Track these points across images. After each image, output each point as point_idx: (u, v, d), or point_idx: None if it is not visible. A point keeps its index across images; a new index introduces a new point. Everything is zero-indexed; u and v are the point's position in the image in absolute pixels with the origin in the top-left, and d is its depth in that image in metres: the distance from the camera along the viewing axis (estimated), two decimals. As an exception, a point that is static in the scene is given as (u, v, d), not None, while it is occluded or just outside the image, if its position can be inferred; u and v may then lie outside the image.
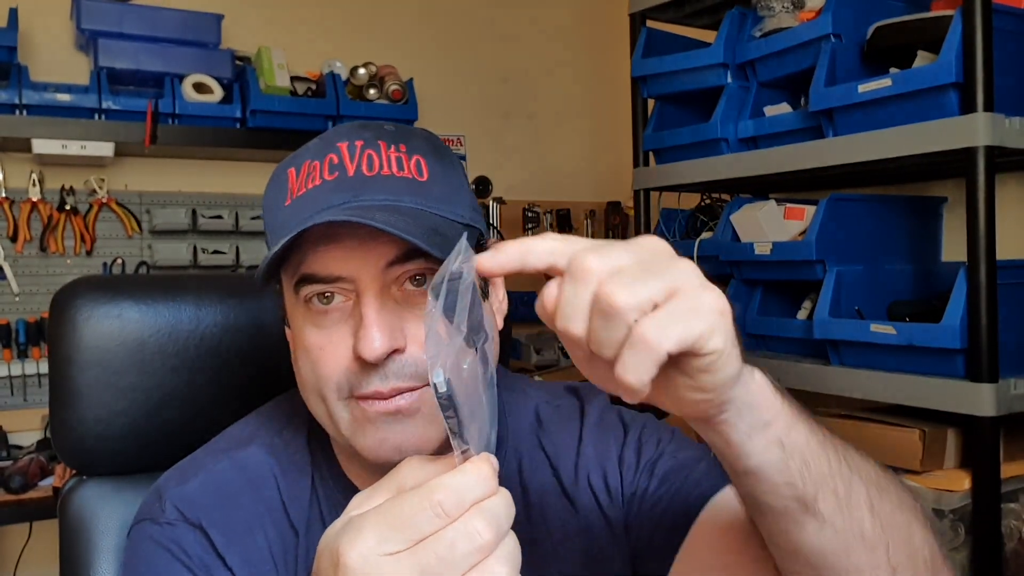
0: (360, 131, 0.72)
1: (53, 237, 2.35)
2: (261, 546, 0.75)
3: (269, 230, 0.73)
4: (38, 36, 2.38)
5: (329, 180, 0.69)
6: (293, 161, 0.73)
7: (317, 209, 0.67)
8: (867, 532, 0.55)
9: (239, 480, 0.78)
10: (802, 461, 0.52)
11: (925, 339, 1.48)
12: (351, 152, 0.70)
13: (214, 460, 0.80)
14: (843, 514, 0.54)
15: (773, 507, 0.54)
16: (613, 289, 0.44)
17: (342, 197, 0.68)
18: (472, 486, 0.48)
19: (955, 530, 1.51)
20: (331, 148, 0.70)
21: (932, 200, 1.93)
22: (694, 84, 2.01)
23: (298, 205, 0.69)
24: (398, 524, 0.47)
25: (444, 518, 0.46)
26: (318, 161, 0.70)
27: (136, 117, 2.30)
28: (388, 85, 2.61)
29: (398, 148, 0.71)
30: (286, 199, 0.71)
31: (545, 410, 0.86)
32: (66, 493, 0.94)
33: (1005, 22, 1.46)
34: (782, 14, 1.82)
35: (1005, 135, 1.42)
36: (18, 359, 2.30)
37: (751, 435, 0.51)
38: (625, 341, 0.44)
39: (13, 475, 1.96)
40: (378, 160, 0.70)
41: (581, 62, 3.24)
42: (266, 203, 0.74)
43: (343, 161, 0.70)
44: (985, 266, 1.40)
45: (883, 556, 0.56)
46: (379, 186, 0.69)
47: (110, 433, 0.92)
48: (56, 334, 0.92)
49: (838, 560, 0.56)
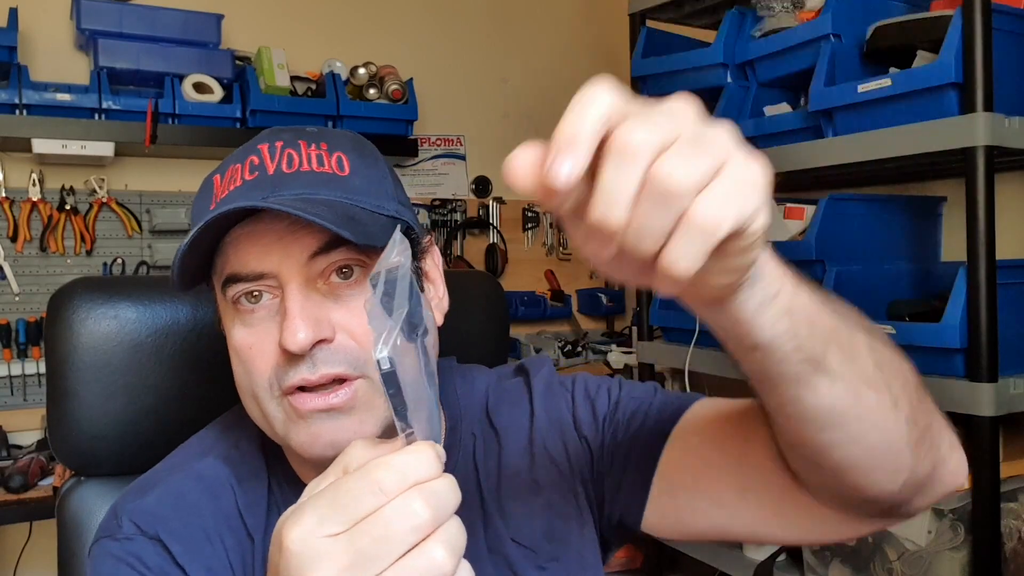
0: (281, 133, 0.74)
1: (53, 237, 2.35)
2: (220, 554, 0.74)
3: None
4: (38, 36, 2.39)
5: (249, 180, 0.70)
6: (219, 168, 0.74)
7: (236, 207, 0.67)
8: (870, 375, 0.55)
9: (196, 490, 0.77)
10: (809, 323, 0.51)
11: (925, 339, 1.48)
12: (271, 152, 0.71)
13: (170, 473, 0.79)
14: (850, 363, 0.54)
15: (785, 375, 0.53)
16: (671, 168, 0.38)
17: (260, 194, 0.68)
18: (414, 465, 0.47)
19: (955, 530, 1.51)
20: (252, 151, 0.72)
21: (932, 200, 1.93)
22: (694, 84, 2.01)
23: (220, 208, 0.68)
24: (337, 505, 0.46)
25: (382, 497, 0.45)
26: (239, 164, 0.71)
27: (136, 117, 2.30)
28: (388, 85, 2.61)
29: (319, 146, 0.72)
30: (211, 204, 0.71)
31: (495, 391, 0.86)
32: (64, 493, 0.94)
33: (1005, 22, 1.46)
34: (782, 14, 1.82)
35: (1005, 135, 1.42)
36: (18, 359, 2.30)
37: (761, 310, 0.48)
38: (676, 226, 0.39)
39: (13, 475, 1.96)
40: (298, 158, 0.70)
41: (581, 62, 3.23)
42: (194, 212, 0.75)
43: (263, 161, 0.70)
44: (985, 266, 1.40)
45: (886, 393, 0.56)
46: (298, 182, 0.69)
47: (107, 433, 0.92)
48: (53, 335, 0.92)
49: (849, 409, 0.55)
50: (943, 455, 0.62)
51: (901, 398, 0.57)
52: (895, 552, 1.57)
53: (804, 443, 0.58)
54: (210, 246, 0.71)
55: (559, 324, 3.11)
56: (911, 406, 0.58)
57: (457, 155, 3.01)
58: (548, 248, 3.15)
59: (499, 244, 3.02)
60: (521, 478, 0.80)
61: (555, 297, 3.08)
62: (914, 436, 0.58)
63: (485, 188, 3.04)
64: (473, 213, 3.01)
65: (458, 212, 2.97)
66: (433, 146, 2.96)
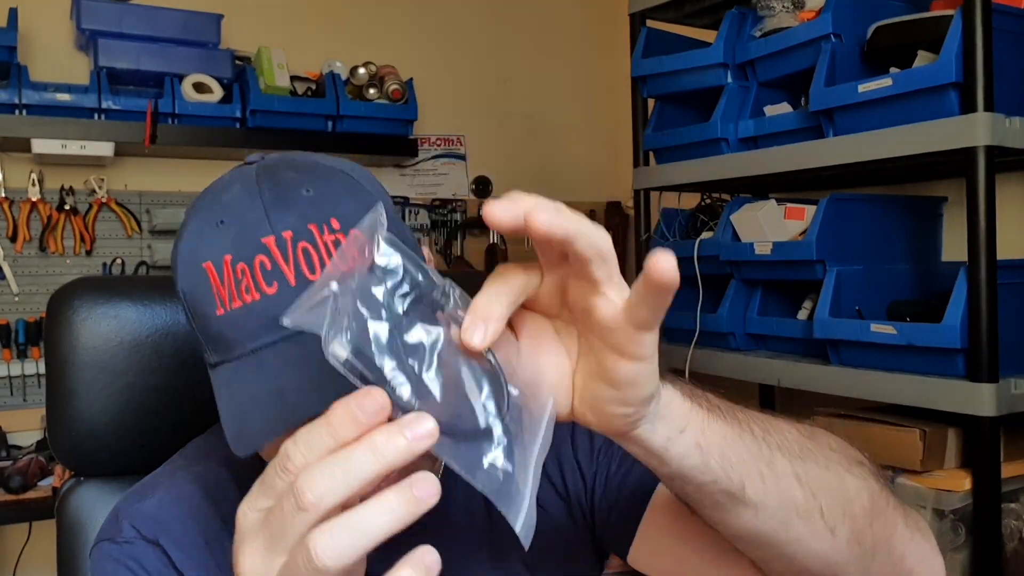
0: (279, 210, 0.62)
1: (53, 237, 2.35)
2: (219, 560, 0.73)
3: (203, 335, 0.65)
4: (38, 36, 2.38)
5: (270, 294, 0.60)
6: (202, 247, 0.63)
7: (266, 333, 0.60)
8: (799, 503, 0.56)
9: (197, 495, 0.76)
10: (721, 456, 0.52)
11: (925, 339, 1.48)
12: (282, 250, 0.61)
13: (170, 477, 0.78)
14: (772, 494, 0.55)
15: (703, 503, 0.55)
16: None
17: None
18: (319, 437, 0.42)
19: (956, 530, 1.50)
20: (256, 246, 0.61)
21: (932, 200, 1.93)
22: (694, 84, 2.00)
23: (239, 321, 0.61)
24: (264, 480, 0.45)
25: (286, 473, 0.43)
26: (244, 264, 0.61)
27: (136, 117, 2.30)
28: (388, 85, 2.60)
29: (330, 226, 0.62)
30: (215, 306, 0.62)
31: None
32: (63, 494, 0.94)
33: (1005, 22, 1.46)
34: (782, 14, 1.82)
35: (1005, 135, 1.41)
36: (18, 359, 2.30)
37: (668, 444, 0.50)
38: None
39: (13, 475, 1.96)
40: (316, 255, 0.61)
41: (581, 62, 3.23)
42: (184, 294, 0.65)
43: (277, 266, 0.60)
44: (985, 266, 1.39)
45: (819, 520, 0.56)
46: None
47: (107, 434, 0.92)
48: (53, 335, 0.91)
49: (777, 536, 0.56)
50: (909, 567, 0.63)
51: (841, 522, 0.57)
52: (896, 552, 1.57)
53: (745, 551, 0.60)
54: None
55: (559, 324, 3.11)
56: (855, 529, 0.58)
57: (457, 155, 3.00)
58: (548, 248, 3.14)
59: (499, 245, 3.01)
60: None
61: (555, 297, 3.08)
62: (861, 555, 0.59)
63: (485, 188, 3.04)
64: (473, 213, 3.00)
65: (458, 212, 2.97)
66: (433, 146, 2.96)
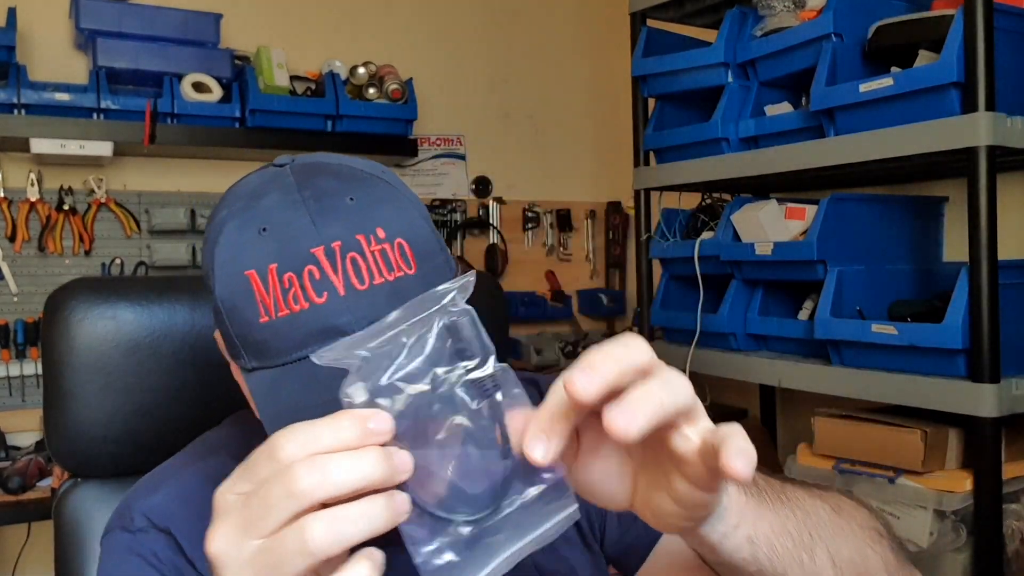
0: (325, 218, 0.62)
1: (51, 237, 2.34)
2: None
3: (242, 341, 0.65)
4: (37, 35, 2.38)
5: (320, 304, 0.61)
6: (243, 255, 0.63)
7: (315, 341, 0.61)
8: None
9: (206, 489, 0.76)
10: (769, 547, 0.55)
11: (926, 339, 1.48)
12: (331, 260, 0.61)
13: (179, 471, 0.79)
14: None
15: None
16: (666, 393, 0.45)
17: (342, 326, 0.61)
18: (320, 435, 0.44)
19: (957, 531, 1.50)
20: (305, 256, 0.61)
21: (933, 200, 1.93)
22: (695, 83, 2.00)
23: (284, 330, 0.62)
24: (247, 466, 0.47)
25: (274, 463, 0.44)
26: (292, 273, 0.61)
27: (135, 117, 2.29)
28: (388, 85, 2.60)
29: (377, 237, 0.63)
30: (259, 314, 0.62)
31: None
32: (61, 495, 0.94)
33: (1006, 21, 1.45)
34: (783, 13, 1.82)
35: (1007, 135, 1.41)
36: (16, 359, 2.29)
37: (723, 540, 0.53)
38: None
39: (11, 476, 1.96)
40: (364, 265, 0.61)
41: (581, 62, 3.23)
42: (223, 302, 0.65)
43: (326, 276, 0.61)
44: (987, 266, 1.39)
45: None
46: (379, 303, 0.61)
47: (105, 435, 0.92)
48: (50, 336, 0.91)
49: None
50: None
51: None
52: (897, 553, 1.56)
53: None
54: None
55: (559, 324, 3.11)
56: None
57: (457, 155, 3.00)
58: (548, 248, 3.14)
59: (499, 244, 3.01)
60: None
61: (555, 297, 3.08)
62: None
63: (485, 188, 3.04)
64: (473, 213, 3.00)
65: (458, 212, 2.97)
66: (433, 146, 2.95)
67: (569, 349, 2.92)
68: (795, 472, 1.71)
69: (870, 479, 1.57)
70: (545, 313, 3.01)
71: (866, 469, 1.57)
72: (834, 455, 1.65)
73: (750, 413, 2.54)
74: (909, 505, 1.54)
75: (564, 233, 3.16)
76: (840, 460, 1.63)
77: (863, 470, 1.58)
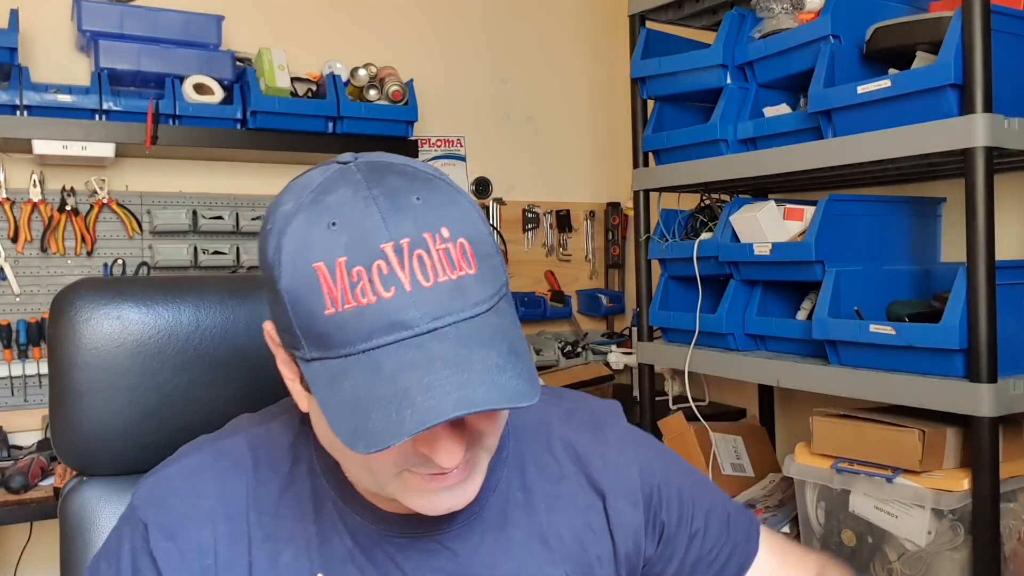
0: (395, 216, 0.64)
1: (54, 238, 2.35)
2: (207, 538, 0.75)
3: (304, 332, 0.65)
4: (39, 37, 2.39)
5: (387, 299, 0.62)
6: (312, 248, 0.64)
7: (381, 334, 0.63)
8: None
9: (212, 470, 0.78)
10: None
11: (924, 339, 1.48)
12: (399, 256, 0.63)
13: (200, 447, 0.80)
14: None
15: None
16: None
17: (408, 321, 0.62)
18: None
19: (954, 530, 1.51)
20: (374, 251, 0.63)
21: (931, 201, 1.94)
22: (694, 85, 2.01)
23: (350, 322, 0.63)
24: None
25: None
26: (361, 267, 0.63)
27: (137, 118, 2.30)
28: (388, 86, 2.61)
29: (441, 237, 0.64)
30: (324, 305, 0.63)
31: (562, 419, 0.88)
32: (67, 494, 0.94)
33: (1004, 23, 1.46)
34: (781, 15, 1.82)
35: (1004, 136, 1.42)
36: (19, 359, 2.30)
37: None
38: None
39: (14, 475, 1.96)
40: (430, 261, 0.63)
41: (581, 63, 3.24)
42: (288, 293, 0.65)
43: (394, 271, 0.62)
44: (984, 266, 1.40)
45: None
46: (443, 300, 0.63)
47: (110, 434, 0.92)
48: (56, 335, 0.92)
49: None
50: None
51: None
52: (895, 552, 1.57)
53: None
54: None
55: (559, 325, 3.12)
56: None
57: (457, 156, 3.01)
58: (548, 249, 3.15)
59: (499, 245, 3.02)
60: (568, 513, 0.84)
61: (555, 298, 3.09)
62: None
63: (485, 189, 3.04)
64: (473, 214, 3.00)
65: (458, 213, 2.97)
66: (433, 147, 2.96)
67: (568, 349, 2.93)
68: (794, 471, 1.72)
69: (868, 478, 1.58)
70: (545, 313, 3.02)
71: (864, 468, 1.58)
72: (832, 454, 1.65)
73: (748, 413, 2.55)
74: (907, 504, 1.55)
75: (564, 234, 3.17)
76: (838, 459, 1.63)
77: (861, 469, 1.59)
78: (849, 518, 1.64)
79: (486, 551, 0.79)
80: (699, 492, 0.91)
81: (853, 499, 1.63)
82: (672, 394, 2.44)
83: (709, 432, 2.07)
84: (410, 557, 0.77)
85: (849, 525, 1.64)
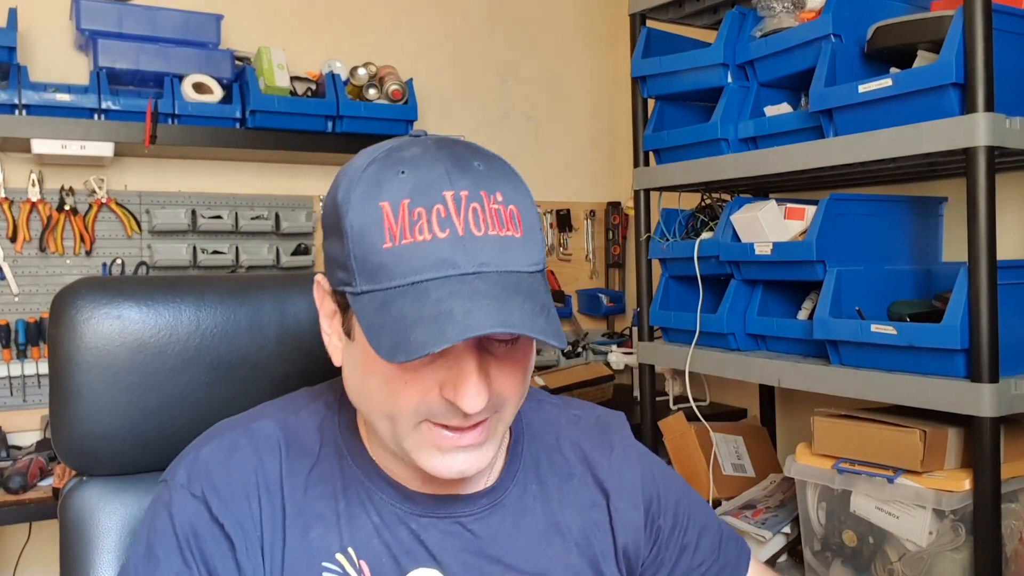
0: (458, 173, 0.71)
1: (52, 237, 2.35)
2: (255, 513, 0.78)
3: (360, 265, 0.71)
4: (37, 36, 2.38)
5: (441, 239, 0.68)
6: (381, 189, 0.71)
7: (431, 270, 0.68)
8: None
9: (248, 448, 0.81)
10: None
11: (926, 339, 1.48)
12: (457, 204, 0.69)
13: (231, 428, 0.84)
14: None
15: None
16: None
17: (457, 262, 0.68)
18: None
19: (956, 530, 1.51)
20: (436, 197, 0.69)
21: (932, 200, 1.94)
22: (694, 84, 2.01)
23: (405, 256, 0.69)
24: None
25: None
26: (423, 208, 0.69)
27: (136, 117, 2.29)
28: (388, 85, 2.61)
29: (496, 199, 0.71)
30: (384, 239, 0.69)
31: (567, 416, 0.94)
32: (66, 493, 0.94)
33: (1005, 22, 1.46)
34: (782, 14, 1.82)
35: (1006, 135, 1.42)
36: (17, 359, 2.30)
37: None
38: None
39: (12, 475, 1.96)
40: (483, 216, 0.70)
41: (581, 62, 3.24)
42: (352, 227, 0.71)
43: (451, 216, 0.69)
44: (986, 266, 1.40)
45: None
46: (488, 249, 0.70)
47: (110, 433, 0.92)
48: (56, 335, 0.92)
49: None
50: None
51: None
52: (896, 553, 1.57)
53: None
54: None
55: (559, 324, 3.11)
56: None
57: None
58: (548, 248, 3.15)
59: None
60: (576, 508, 0.88)
61: (555, 297, 3.09)
62: None
63: (485, 188, 3.04)
64: (473, 213, 3.00)
65: (458, 212, 2.97)
66: (433, 146, 2.95)
67: (569, 349, 2.92)
68: (795, 472, 1.71)
69: (869, 479, 1.58)
70: (545, 313, 3.01)
71: (865, 469, 1.58)
72: (833, 455, 1.65)
73: (749, 413, 2.55)
74: (908, 505, 1.54)
75: (564, 233, 3.17)
76: (839, 460, 1.63)
77: (862, 470, 1.58)
78: (850, 518, 1.64)
79: (505, 535, 0.83)
80: (695, 509, 0.95)
81: (854, 499, 1.63)
82: (673, 394, 2.44)
83: (710, 432, 2.07)
84: (433, 536, 0.81)
85: (850, 525, 1.64)
